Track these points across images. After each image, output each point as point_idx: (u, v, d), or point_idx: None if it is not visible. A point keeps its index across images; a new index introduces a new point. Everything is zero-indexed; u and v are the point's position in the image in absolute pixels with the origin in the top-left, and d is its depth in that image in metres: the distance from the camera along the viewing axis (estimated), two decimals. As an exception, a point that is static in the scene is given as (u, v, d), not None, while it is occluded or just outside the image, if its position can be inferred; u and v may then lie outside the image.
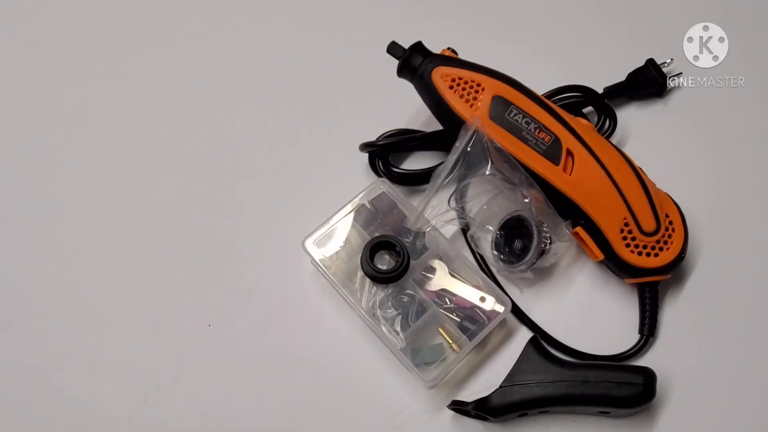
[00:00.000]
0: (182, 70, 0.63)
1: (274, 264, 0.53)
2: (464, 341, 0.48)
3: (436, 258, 0.50)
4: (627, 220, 0.48)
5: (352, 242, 0.51)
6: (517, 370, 0.46)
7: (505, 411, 0.46)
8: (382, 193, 0.52)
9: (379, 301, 0.49)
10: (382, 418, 0.48)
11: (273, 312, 0.52)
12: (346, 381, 0.50)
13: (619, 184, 0.49)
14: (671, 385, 0.48)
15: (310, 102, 0.55)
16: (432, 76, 0.51)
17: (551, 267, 0.52)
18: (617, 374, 0.46)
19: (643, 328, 0.50)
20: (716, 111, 0.59)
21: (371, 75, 0.60)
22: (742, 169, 0.56)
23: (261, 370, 0.50)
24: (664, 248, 0.49)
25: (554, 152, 0.49)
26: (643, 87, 0.59)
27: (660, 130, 0.58)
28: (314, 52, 0.63)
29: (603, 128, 0.56)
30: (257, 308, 0.52)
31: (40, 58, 0.64)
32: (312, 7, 0.66)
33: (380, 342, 0.50)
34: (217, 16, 0.66)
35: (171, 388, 0.50)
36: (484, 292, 0.49)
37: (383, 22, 0.64)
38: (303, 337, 0.51)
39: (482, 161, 0.49)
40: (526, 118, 0.50)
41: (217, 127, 0.60)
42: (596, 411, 0.47)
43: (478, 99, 0.50)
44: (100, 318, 0.52)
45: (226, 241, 0.55)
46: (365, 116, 0.58)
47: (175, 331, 0.51)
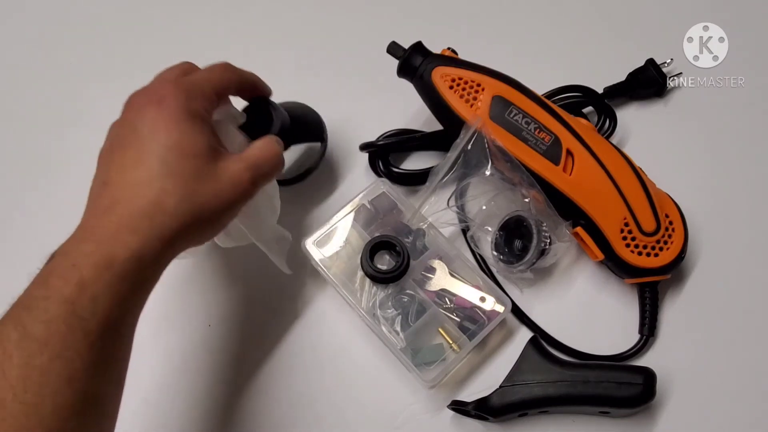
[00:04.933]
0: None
1: (274, 264, 0.53)
2: (464, 341, 0.48)
3: (436, 258, 0.50)
4: (627, 220, 0.48)
5: (352, 242, 0.51)
6: (517, 370, 0.46)
7: (505, 411, 0.46)
8: (382, 193, 0.52)
9: (379, 301, 0.49)
10: (382, 418, 0.48)
11: (273, 312, 0.52)
12: (346, 381, 0.50)
13: (619, 184, 0.49)
14: (671, 385, 0.48)
15: (310, 102, 0.55)
16: (432, 76, 0.51)
17: (551, 267, 0.52)
18: (617, 374, 0.46)
19: (643, 328, 0.50)
20: (716, 111, 0.59)
21: (371, 75, 0.60)
22: (742, 169, 0.57)
23: (261, 370, 0.50)
24: (664, 248, 0.49)
25: (554, 152, 0.49)
26: (643, 87, 0.59)
27: (660, 130, 0.58)
28: (314, 52, 0.63)
29: (603, 128, 0.56)
30: (257, 308, 0.52)
31: (40, 58, 0.64)
32: (312, 7, 0.66)
33: (380, 342, 0.50)
34: (217, 16, 0.66)
35: (171, 388, 0.50)
36: (484, 292, 0.49)
37: (383, 22, 0.64)
38: (303, 337, 0.51)
39: (482, 161, 0.49)
40: (526, 118, 0.50)
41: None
42: (596, 411, 0.47)
43: (478, 99, 0.50)
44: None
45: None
46: (365, 116, 0.58)
47: (176, 331, 0.51)
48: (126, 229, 0.35)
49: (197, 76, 0.41)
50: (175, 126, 0.37)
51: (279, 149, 0.44)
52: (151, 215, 0.35)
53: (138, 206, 0.35)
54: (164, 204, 0.36)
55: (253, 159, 0.41)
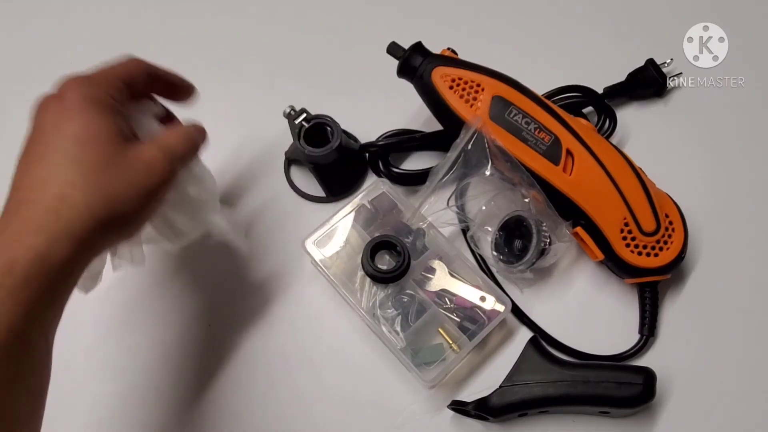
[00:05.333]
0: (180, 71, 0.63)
1: (274, 264, 0.53)
2: (464, 341, 0.48)
3: (436, 258, 0.50)
4: (627, 220, 0.48)
5: (352, 242, 0.51)
6: (517, 370, 0.46)
7: (505, 411, 0.46)
8: (382, 193, 0.52)
9: (379, 301, 0.49)
10: (382, 418, 0.48)
11: (273, 312, 0.52)
12: (346, 381, 0.50)
13: (619, 184, 0.49)
14: (671, 385, 0.48)
15: (310, 102, 0.55)
16: (432, 77, 0.51)
17: (551, 267, 0.52)
18: (617, 374, 0.46)
19: (643, 328, 0.50)
20: (716, 111, 0.59)
21: (371, 75, 0.60)
22: (742, 169, 0.57)
23: (261, 370, 0.50)
24: (664, 248, 0.49)
25: (554, 152, 0.49)
26: (643, 87, 0.59)
27: (660, 130, 0.58)
28: (314, 52, 0.63)
29: (603, 128, 0.56)
30: (257, 308, 0.52)
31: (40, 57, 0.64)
32: (312, 7, 0.66)
33: (380, 342, 0.50)
34: (218, 15, 0.66)
35: (170, 389, 0.50)
36: (484, 292, 0.49)
37: (383, 22, 0.64)
38: (303, 337, 0.51)
39: (482, 161, 0.49)
40: (526, 119, 0.50)
41: (217, 126, 0.60)
42: (596, 411, 0.47)
43: (478, 99, 0.50)
44: (100, 317, 0.52)
45: (226, 240, 0.55)
46: (365, 116, 0.58)
47: (175, 332, 0.51)
48: (29, 230, 0.32)
49: (101, 68, 0.39)
50: (78, 115, 0.35)
51: (192, 129, 0.42)
52: (57, 211, 0.32)
53: (42, 204, 0.32)
54: (71, 198, 0.33)
55: (165, 141, 0.39)
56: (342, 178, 0.56)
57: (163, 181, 0.37)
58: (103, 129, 0.35)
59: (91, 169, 0.34)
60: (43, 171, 0.33)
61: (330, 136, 0.53)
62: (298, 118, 0.53)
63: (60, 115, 0.35)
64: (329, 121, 0.53)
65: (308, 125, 0.53)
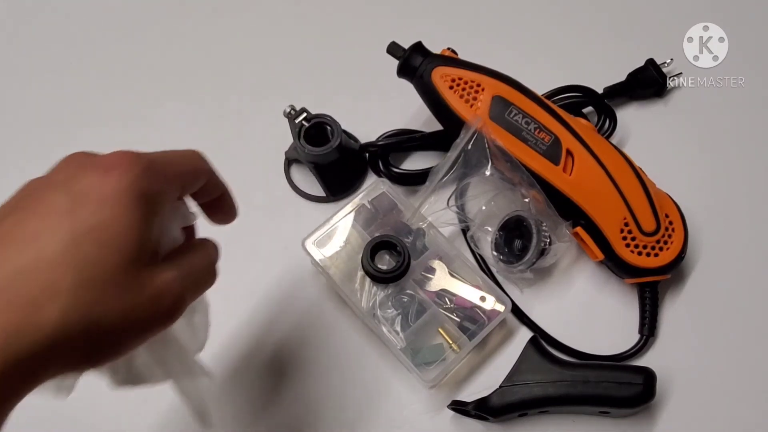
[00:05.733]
0: (181, 71, 0.63)
1: (275, 264, 0.53)
2: (464, 341, 0.48)
3: (436, 258, 0.50)
4: (627, 220, 0.48)
5: (352, 242, 0.51)
6: (517, 370, 0.46)
7: (505, 411, 0.46)
8: (382, 193, 0.52)
9: (379, 301, 0.49)
10: (382, 418, 0.48)
11: (273, 312, 0.52)
12: (346, 381, 0.50)
13: (619, 184, 0.49)
14: (671, 385, 0.48)
15: (310, 102, 0.55)
16: (432, 77, 0.51)
17: (551, 267, 0.52)
18: (617, 374, 0.46)
19: (643, 328, 0.50)
20: (716, 111, 0.59)
21: (371, 75, 0.60)
22: (742, 169, 0.56)
23: (261, 370, 0.50)
24: (664, 248, 0.49)
25: (554, 152, 0.49)
26: (643, 87, 0.59)
27: (660, 130, 0.58)
28: (315, 51, 0.63)
29: (603, 128, 0.56)
30: (257, 308, 0.52)
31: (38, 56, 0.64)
32: (312, 7, 0.66)
33: (380, 342, 0.50)
34: (218, 15, 0.66)
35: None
36: (484, 292, 0.49)
37: (383, 22, 0.64)
38: (303, 337, 0.51)
39: (482, 161, 0.49)
40: (526, 119, 0.50)
41: (217, 126, 0.60)
42: (596, 411, 0.47)
43: (478, 99, 0.50)
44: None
45: (226, 241, 0.55)
46: (365, 116, 0.58)
47: (175, 331, 0.51)
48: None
49: (163, 154, 0.31)
50: (116, 203, 0.27)
51: (217, 256, 0.35)
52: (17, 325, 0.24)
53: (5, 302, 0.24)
54: (43, 310, 0.25)
55: (188, 266, 0.31)
56: (342, 178, 0.56)
57: (168, 317, 0.30)
58: (133, 234, 0.27)
59: (93, 280, 0.26)
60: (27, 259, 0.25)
61: (330, 135, 0.53)
62: (298, 118, 0.53)
63: (92, 193, 0.27)
64: (329, 121, 0.53)
65: (308, 125, 0.53)
